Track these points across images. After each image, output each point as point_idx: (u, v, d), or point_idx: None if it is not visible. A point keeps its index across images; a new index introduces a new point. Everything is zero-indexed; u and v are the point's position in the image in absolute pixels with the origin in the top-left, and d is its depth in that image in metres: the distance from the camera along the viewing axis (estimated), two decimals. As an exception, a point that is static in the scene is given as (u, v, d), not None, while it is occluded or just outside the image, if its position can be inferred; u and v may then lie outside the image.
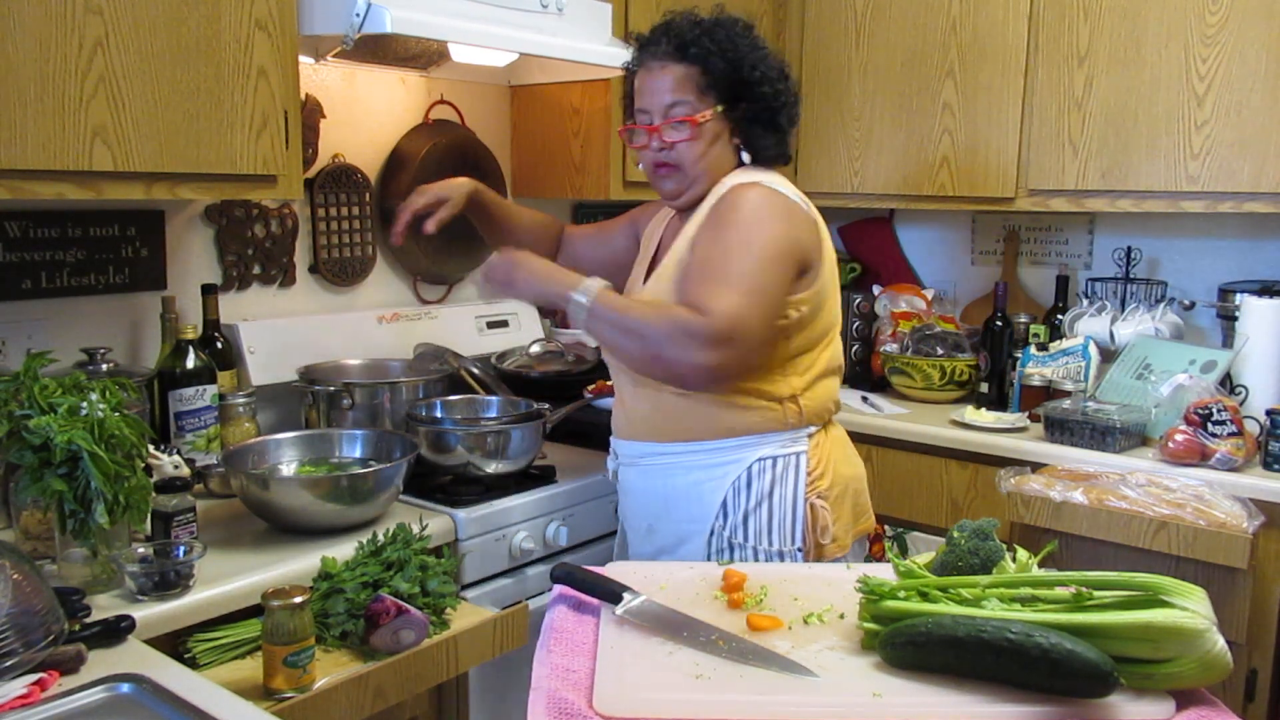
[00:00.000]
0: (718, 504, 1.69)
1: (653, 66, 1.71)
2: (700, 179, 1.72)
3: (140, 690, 1.20)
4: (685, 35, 1.69)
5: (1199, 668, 1.04)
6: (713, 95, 1.68)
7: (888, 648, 1.13)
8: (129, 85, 1.64)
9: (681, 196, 1.74)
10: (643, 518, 1.80)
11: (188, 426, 1.94)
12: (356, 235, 2.46)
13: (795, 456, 1.70)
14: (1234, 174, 2.38)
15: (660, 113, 1.69)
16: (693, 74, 1.68)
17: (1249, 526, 1.98)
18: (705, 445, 1.70)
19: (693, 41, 1.68)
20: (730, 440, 1.69)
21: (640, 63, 1.74)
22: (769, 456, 1.69)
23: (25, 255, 1.90)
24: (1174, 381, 2.38)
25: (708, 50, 1.67)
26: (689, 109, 1.68)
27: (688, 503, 1.72)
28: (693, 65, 1.68)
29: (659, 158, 1.72)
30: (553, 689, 1.11)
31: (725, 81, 1.68)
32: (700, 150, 1.69)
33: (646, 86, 1.72)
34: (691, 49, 1.68)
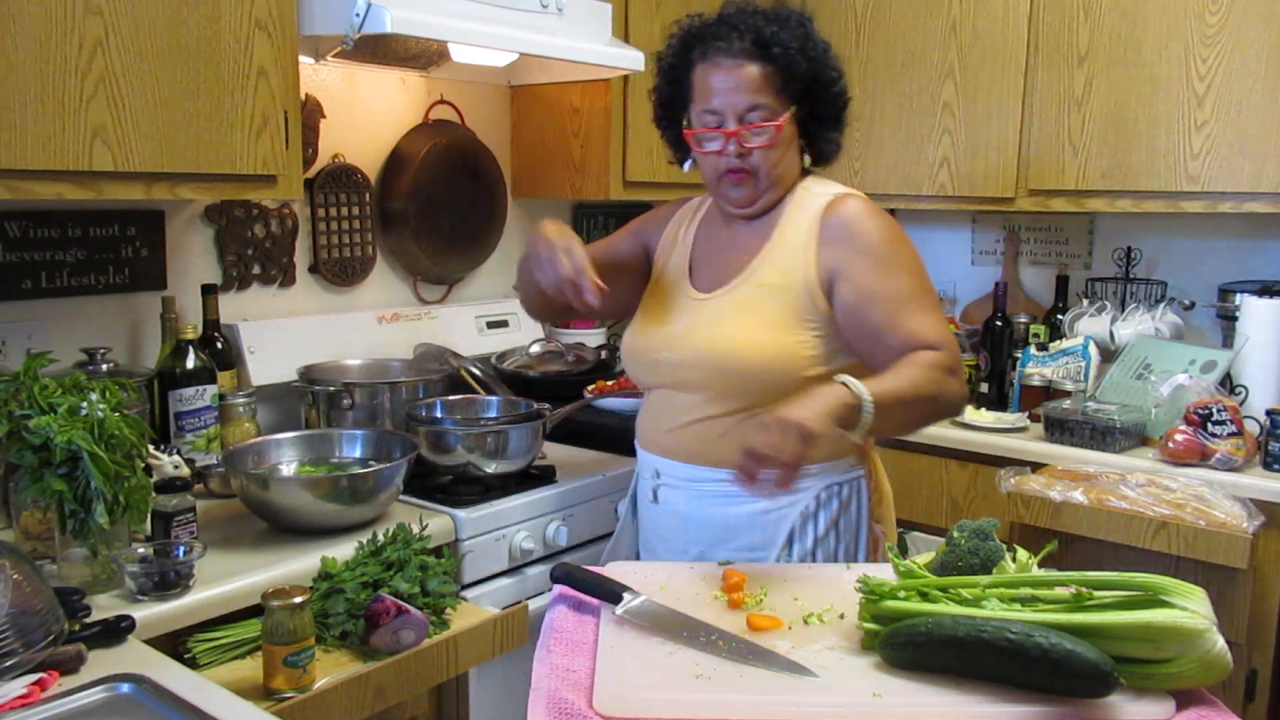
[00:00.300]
0: (784, 533, 1.60)
1: (725, 64, 1.57)
2: (775, 185, 1.63)
3: (140, 690, 1.20)
4: (763, 31, 1.57)
5: (1199, 668, 1.04)
6: (788, 96, 1.59)
7: (888, 648, 1.13)
8: (129, 85, 1.64)
9: (755, 204, 1.64)
10: (691, 543, 1.66)
11: (188, 426, 1.94)
12: (356, 235, 2.46)
13: (858, 481, 1.65)
14: (1234, 174, 2.38)
15: (736, 115, 1.57)
16: (771, 74, 1.57)
17: (1249, 526, 1.98)
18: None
19: (773, 38, 1.56)
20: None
21: (707, 58, 1.60)
22: (836, 483, 1.63)
23: (25, 255, 1.90)
24: (1174, 381, 2.38)
25: (789, 48, 1.56)
26: (769, 112, 1.57)
27: (750, 531, 1.62)
28: (772, 64, 1.57)
29: (734, 164, 1.60)
30: (553, 689, 1.11)
31: (802, 81, 1.59)
32: (779, 156, 1.60)
33: (719, 86, 1.58)
34: (774, 47, 1.56)
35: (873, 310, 1.54)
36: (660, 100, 1.73)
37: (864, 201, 1.63)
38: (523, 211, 2.88)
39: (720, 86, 1.58)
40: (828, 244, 1.59)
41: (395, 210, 2.51)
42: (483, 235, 2.73)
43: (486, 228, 2.73)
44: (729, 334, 1.59)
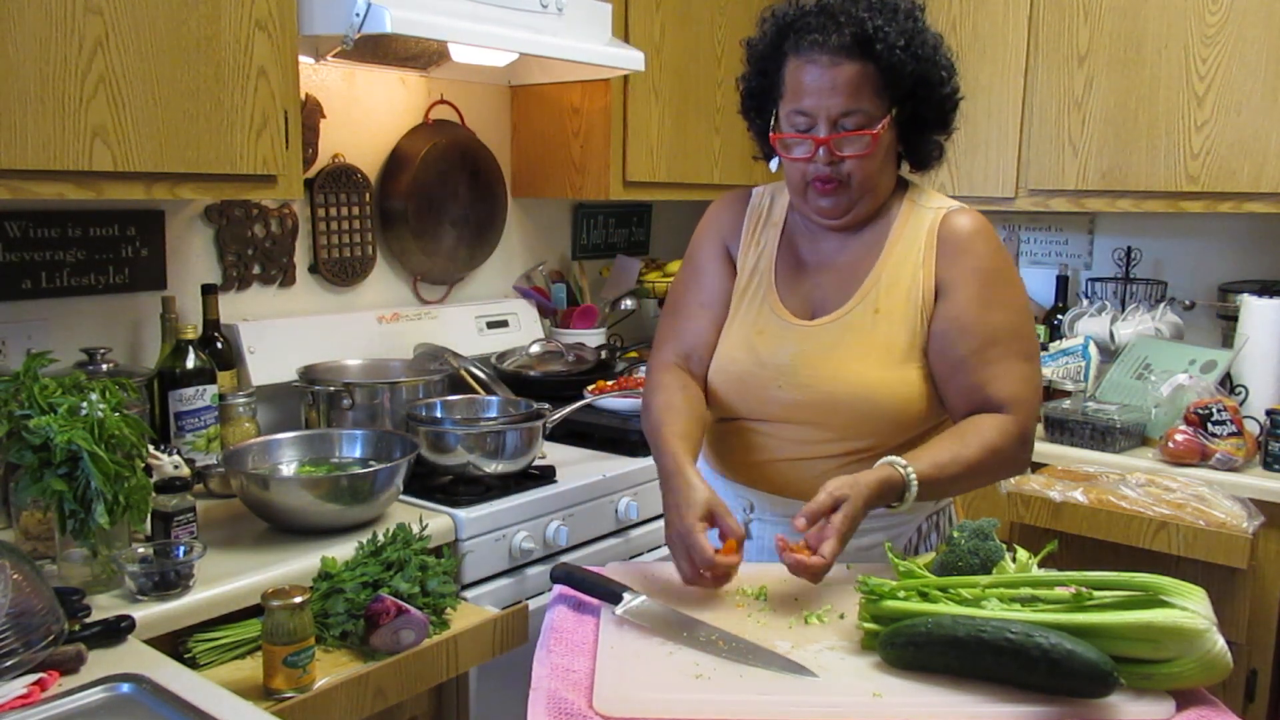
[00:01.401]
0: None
1: (820, 60, 1.39)
2: (868, 196, 1.48)
3: (140, 690, 1.20)
4: (867, 24, 1.38)
5: (1199, 668, 1.04)
6: (888, 97, 1.42)
7: (888, 648, 1.13)
8: (129, 85, 1.64)
9: (845, 215, 1.49)
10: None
11: (188, 426, 1.94)
12: (356, 235, 2.46)
13: (949, 508, 1.60)
14: (1234, 174, 2.38)
15: (830, 120, 1.41)
16: (871, 73, 1.39)
17: (1249, 526, 1.98)
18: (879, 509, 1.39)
19: (876, 34, 1.38)
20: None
21: (801, 52, 1.42)
22: (934, 513, 1.57)
23: (25, 255, 1.90)
24: (1174, 381, 2.38)
25: (894, 45, 1.38)
26: (866, 118, 1.41)
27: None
28: (874, 63, 1.39)
29: (824, 172, 1.44)
30: (553, 689, 1.11)
31: (907, 82, 1.41)
32: (875, 166, 1.45)
33: (812, 85, 1.40)
34: (877, 44, 1.38)
35: (960, 342, 1.43)
36: (749, 91, 1.56)
37: (980, 220, 1.50)
38: (523, 211, 2.88)
39: (814, 86, 1.40)
40: (944, 257, 1.47)
41: (395, 210, 2.51)
42: (483, 235, 2.73)
43: (486, 228, 2.73)
44: (854, 373, 1.45)
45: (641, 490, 2.19)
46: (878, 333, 1.47)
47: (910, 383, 1.45)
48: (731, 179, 2.96)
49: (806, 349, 1.49)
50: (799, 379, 1.48)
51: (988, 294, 1.44)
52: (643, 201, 3.26)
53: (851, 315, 1.49)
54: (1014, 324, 1.45)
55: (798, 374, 1.48)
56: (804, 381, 1.48)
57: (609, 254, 3.16)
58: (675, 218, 3.43)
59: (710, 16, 2.81)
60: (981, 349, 1.43)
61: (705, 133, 2.85)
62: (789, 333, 1.52)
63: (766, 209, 1.64)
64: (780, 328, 1.53)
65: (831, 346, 1.48)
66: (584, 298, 2.99)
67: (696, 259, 1.69)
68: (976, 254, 1.46)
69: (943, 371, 1.46)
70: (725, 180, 2.94)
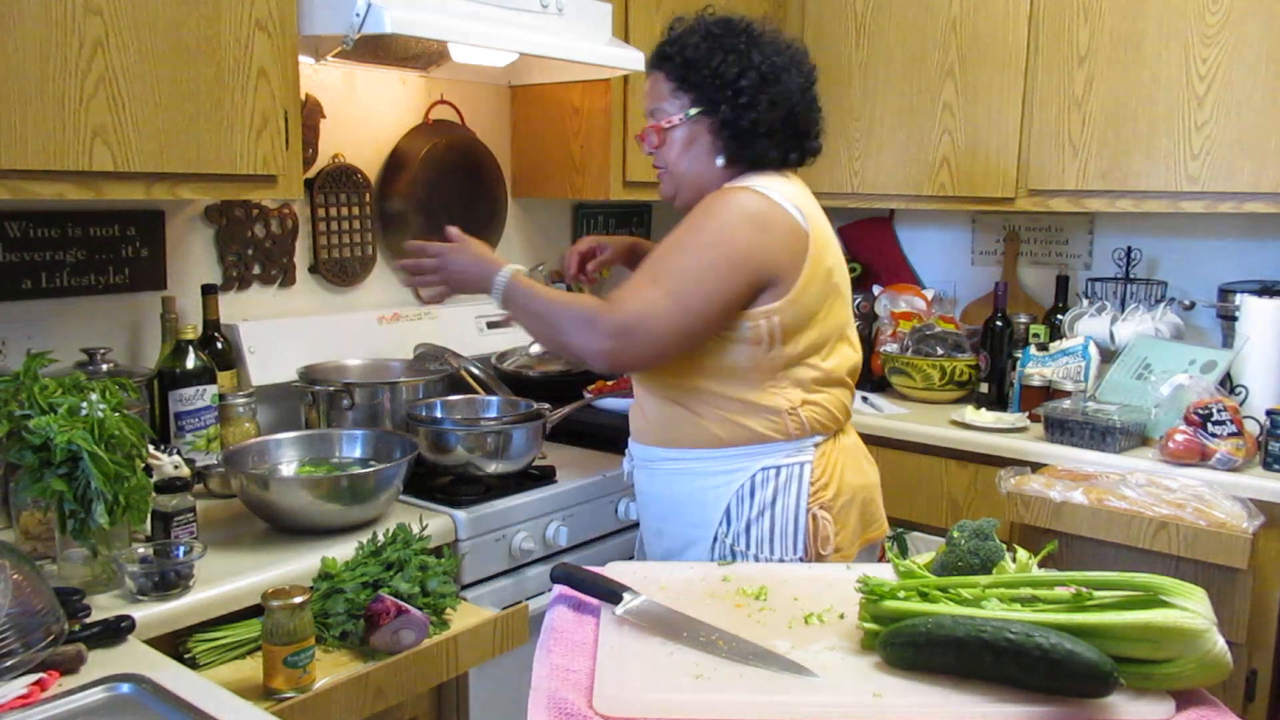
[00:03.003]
0: (721, 511, 1.69)
1: (647, 73, 1.78)
2: (684, 181, 1.76)
3: (140, 690, 1.20)
4: (661, 42, 1.74)
5: (1199, 668, 1.04)
6: (685, 99, 1.71)
7: (888, 648, 1.13)
8: (129, 85, 1.64)
9: (675, 200, 1.79)
10: (653, 519, 1.81)
11: (188, 426, 1.94)
12: (356, 235, 2.46)
13: (799, 466, 1.69)
14: (1234, 174, 2.38)
15: (647, 118, 1.77)
16: (660, 79, 1.73)
17: (1249, 526, 1.98)
18: (710, 453, 1.70)
19: (660, 48, 1.73)
20: (734, 449, 1.69)
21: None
22: (772, 466, 1.68)
23: (25, 255, 1.90)
24: (1174, 381, 2.38)
25: (668, 56, 1.71)
26: (659, 114, 1.74)
27: (692, 508, 1.72)
28: (658, 70, 1.74)
29: (653, 161, 1.80)
30: (553, 689, 1.11)
31: (691, 86, 1.70)
32: (675, 154, 1.74)
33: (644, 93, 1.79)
34: (657, 55, 1.74)
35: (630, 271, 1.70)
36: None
37: (731, 193, 1.66)
38: (523, 211, 2.88)
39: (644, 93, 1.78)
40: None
41: (395, 210, 2.51)
42: (483, 235, 2.72)
43: (486, 228, 2.73)
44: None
45: (641, 490, 2.19)
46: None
47: None
48: (731, 179, 2.96)
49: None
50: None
51: (674, 235, 1.65)
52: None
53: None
54: (665, 257, 1.63)
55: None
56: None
57: (609, 254, 3.15)
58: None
59: (710, 16, 2.81)
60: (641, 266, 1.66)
61: (705, 133, 2.84)
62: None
63: None
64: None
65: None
66: (584, 298, 2.98)
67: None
68: (699, 210, 1.67)
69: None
70: (725, 180, 2.94)
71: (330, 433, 1.99)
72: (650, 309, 1.57)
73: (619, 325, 1.56)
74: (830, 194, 3.00)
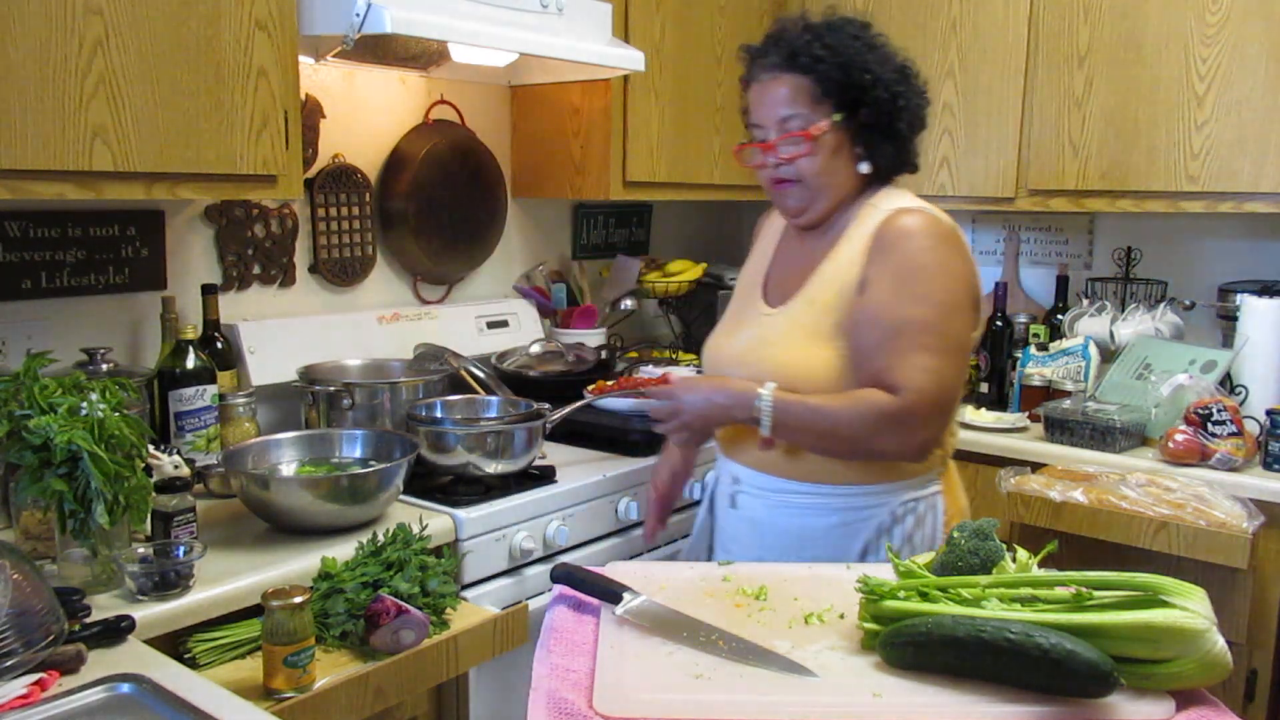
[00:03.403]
0: (858, 548, 1.62)
1: (764, 79, 1.63)
2: (823, 194, 1.64)
3: (140, 690, 1.20)
4: (795, 43, 1.61)
5: (1199, 668, 1.04)
6: (829, 105, 1.60)
7: (888, 648, 1.13)
8: (129, 85, 1.64)
9: (805, 214, 1.66)
10: (767, 550, 1.67)
11: (188, 426, 1.94)
12: (356, 235, 2.46)
13: (934, 498, 1.65)
14: (1234, 174, 2.38)
15: (775, 127, 1.62)
16: (805, 83, 1.60)
17: (1249, 526, 1.98)
18: (855, 489, 1.61)
19: (802, 49, 1.60)
20: (882, 485, 1.62)
21: (753, 76, 1.66)
22: (912, 499, 1.63)
23: (25, 255, 1.90)
24: (1174, 381, 2.38)
25: (817, 56, 1.59)
26: (803, 121, 1.60)
27: (825, 543, 1.62)
28: (804, 74, 1.60)
29: (777, 174, 1.64)
30: (553, 689, 1.11)
31: (839, 89, 1.59)
32: (820, 164, 1.61)
33: (759, 100, 1.64)
34: (801, 57, 1.59)
35: (869, 331, 1.54)
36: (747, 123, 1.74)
37: (925, 219, 1.58)
38: (523, 211, 2.88)
39: (758, 101, 1.64)
40: (873, 254, 1.58)
41: (395, 210, 2.51)
42: (483, 235, 2.73)
43: (486, 228, 2.73)
44: (781, 355, 1.61)
45: (641, 490, 2.19)
46: (807, 320, 1.62)
47: (826, 362, 1.57)
48: (731, 179, 2.96)
49: (757, 335, 1.68)
50: (746, 362, 1.66)
51: (902, 288, 1.54)
52: (643, 201, 3.26)
53: (793, 305, 1.65)
54: (923, 318, 1.52)
55: (745, 359, 1.67)
56: (749, 362, 1.65)
57: (609, 254, 3.16)
58: (675, 218, 3.43)
59: (710, 16, 2.81)
60: (887, 339, 1.52)
61: (705, 133, 2.85)
62: (755, 320, 1.71)
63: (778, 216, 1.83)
64: (752, 316, 1.72)
65: (770, 333, 1.66)
66: (584, 298, 2.99)
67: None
68: (901, 250, 1.56)
69: (855, 359, 1.56)
70: (725, 180, 2.94)
71: (330, 433, 1.99)
72: (941, 379, 1.49)
73: (924, 411, 1.49)
74: (830, 194, 3.00)
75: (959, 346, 1.55)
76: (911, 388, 1.48)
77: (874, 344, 1.53)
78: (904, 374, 1.49)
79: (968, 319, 1.57)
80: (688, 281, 3.12)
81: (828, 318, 1.59)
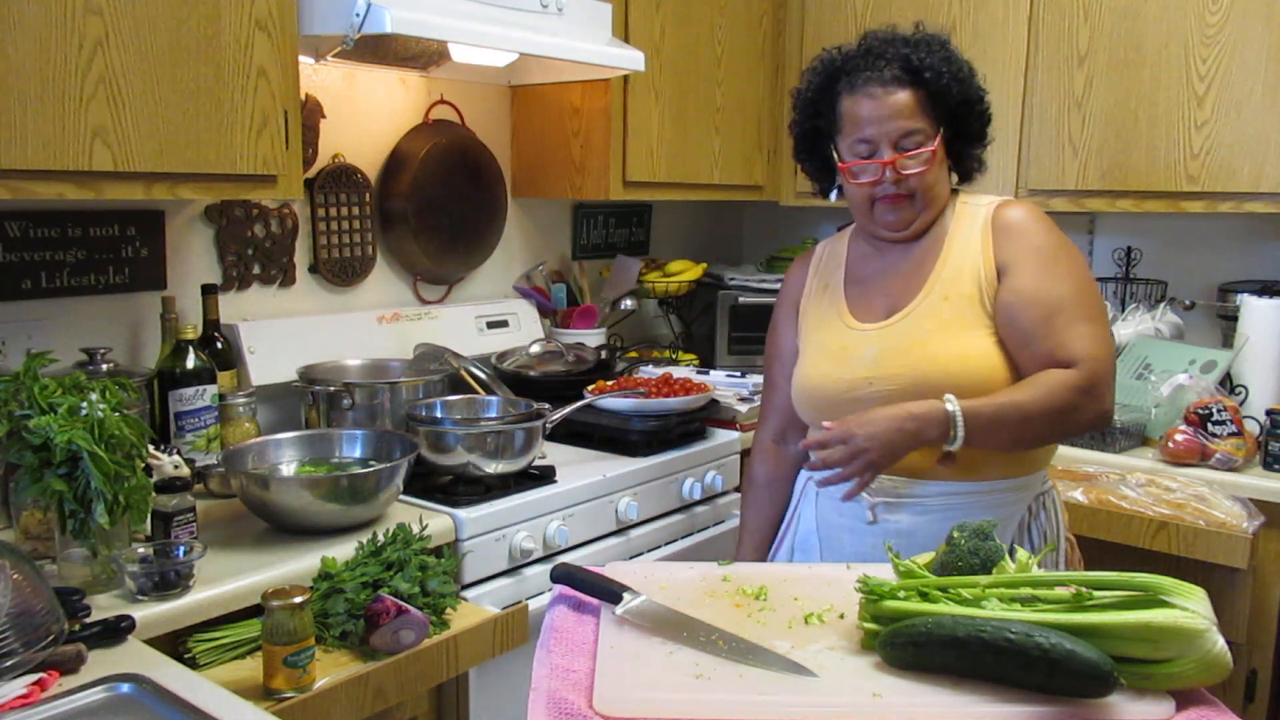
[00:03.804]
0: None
1: (876, 92, 1.59)
2: (931, 205, 1.64)
3: (140, 690, 1.21)
4: (910, 57, 1.59)
5: (1199, 668, 1.04)
6: (937, 118, 1.61)
7: (888, 648, 1.13)
8: (129, 85, 1.64)
9: (911, 226, 1.65)
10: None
11: (188, 426, 1.94)
12: (356, 235, 2.46)
13: (1052, 492, 1.66)
14: (1234, 174, 2.38)
15: (891, 143, 1.58)
16: (922, 99, 1.59)
17: (1249, 526, 1.98)
18: (1000, 484, 1.58)
19: (922, 64, 1.59)
20: (1019, 479, 1.59)
21: (856, 89, 1.61)
22: (1041, 494, 1.64)
23: (25, 255, 1.90)
24: (1174, 381, 2.38)
25: (938, 71, 1.59)
26: (923, 136, 1.59)
27: None
28: (923, 89, 1.59)
29: (890, 190, 1.61)
30: (553, 689, 1.11)
31: (950, 103, 1.61)
32: (933, 178, 1.62)
33: (871, 115, 1.59)
34: (925, 72, 1.58)
35: (1027, 313, 1.54)
36: (802, 134, 1.73)
37: (1031, 207, 1.64)
38: (523, 211, 2.88)
39: (873, 115, 1.59)
40: (1000, 242, 1.60)
41: (395, 210, 2.51)
42: (483, 235, 2.73)
43: (486, 228, 2.73)
44: (933, 352, 1.56)
45: (641, 490, 2.20)
46: (949, 315, 1.59)
47: (988, 352, 1.55)
48: (731, 179, 2.96)
49: (889, 344, 1.61)
50: (888, 371, 1.59)
51: (1046, 268, 1.56)
52: (643, 201, 3.26)
53: (923, 306, 1.61)
54: (1075, 291, 1.55)
55: (886, 367, 1.59)
56: (893, 372, 1.58)
57: (609, 254, 3.16)
58: (675, 218, 3.43)
59: (710, 16, 2.81)
60: (1047, 318, 1.53)
61: (705, 133, 2.85)
62: (868, 336, 1.64)
63: (828, 254, 1.80)
64: (858, 335, 1.65)
65: (911, 335, 1.60)
66: (584, 298, 2.99)
67: (774, 327, 1.85)
68: (1031, 233, 1.59)
69: (1015, 343, 1.55)
70: (725, 180, 2.94)
71: (330, 433, 1.99)
72: (1106, 344, 1.54)
73: (1102, 376, 1.50)
74: (830, 194, 3.00)
75: (1104, 312, 1.60)
76: (1089, 356, 1.50)
77: (1035, 324, 1.54)
78: (1078, 345, 1.51)
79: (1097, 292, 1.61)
80: (688, 281, 3.12)
81: (972, 308, 1.58)
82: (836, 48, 1.69)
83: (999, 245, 1.60)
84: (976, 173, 1.73)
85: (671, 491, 2.28)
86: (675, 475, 2.29)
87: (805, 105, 1.71)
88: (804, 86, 1.71)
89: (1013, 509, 1.59)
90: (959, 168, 1.70)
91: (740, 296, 3.05)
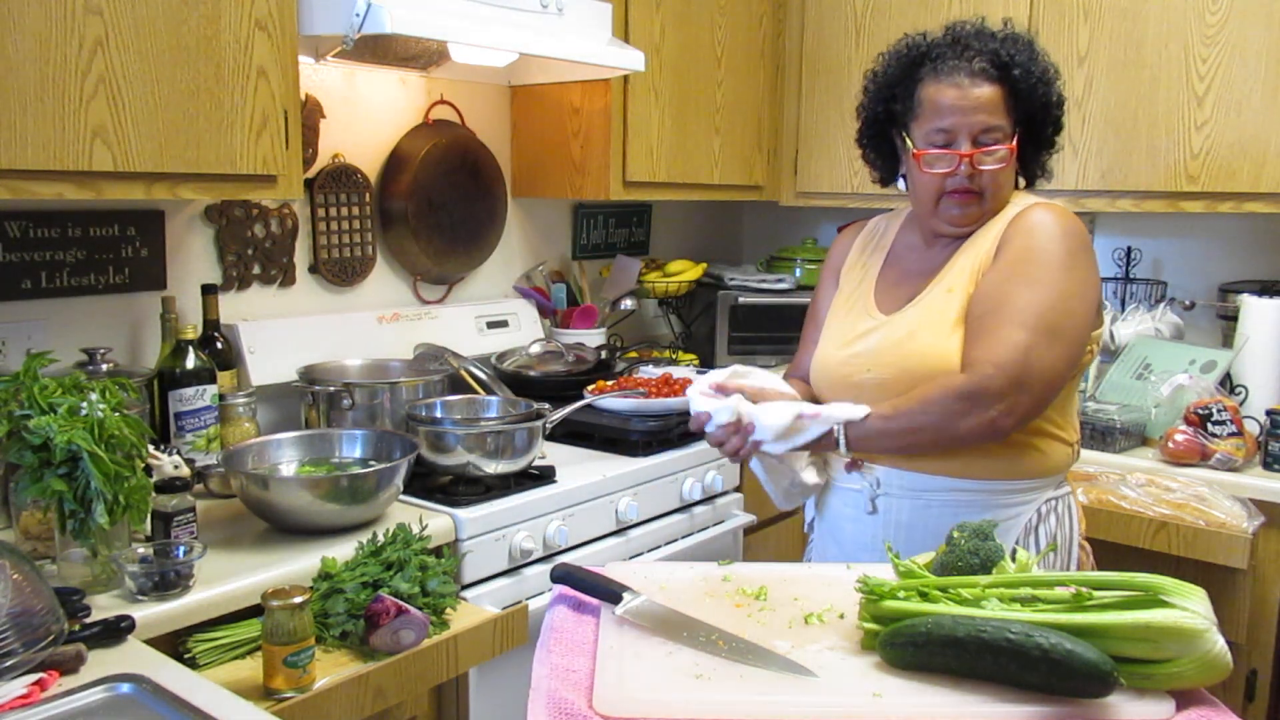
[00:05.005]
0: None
1: (963, 83, 1.55)
2: (996, 205, 1.60)
3: (140, 690, 1.20)
4: (1000, 52, 1.56)
5: (1199, 668, 1.04)
6: (1017, 118, 1.58)
7: (888, 648, 1.13)
8: (129, 85, 1.64)
9: (974, 223, 1.61)
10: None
11: (188, 426, 1.94)
12: (356, 235, 2.46)
13: (1068, 497, 1.63)
14: (1234, 174, 2.38)
15: (971, 136, 1.55)
16: (1005, 96, 1.56)
17: (1249, 526, 1.98)
18: (1005, 485, 1.56)
19: (1012, 61, 1.55)
20: (1027, 481, 1.57)
21: (941, 76, 1.57)
22: (1053, 498, 1.60)
23: (25, 255, 1.90)
24: (1174, 381, 2.38)
25: (1028, 71, 1.56)
26: (1002, 134, 1.56)
27: None
28: (1008, 86, 1.56)
29: (962, 184, 1.57)
30: (553, 689, 1.11)
31: (1033, 105, 1.58)
32: (1005, 178, 1.59)
33: (954, 104, 1.55)
34: (1015, 70, 1.55)
35: (975, 308, 1.52)
36: (872, 118, 1.69)
37: (1055, 213, 1.55)
38: (523, 211, 2.88)
39: (956, 105, 1.55)
40: (1005, 238, 1.56)
41: (395, 210, 2.51)
42: (483, 235, 2.73)
43: (486, 228, 2.73)
44: (920, 346, 1.56)
45: (641, 490, 2.20)
46: (945, 307, 1.57)
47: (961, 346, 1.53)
48: (731, 179, 2.96)
49: (889, 332, 1.61)
50: (883, 360, 1.59)
51: (1018, 268, 1.51)
52: (643, 201, 3.26)
53: (927, 299, 1.60)
54: (1035, 299, 1.48)
55: (881, 357, 1.60)
56: (887, 360, 1.59)
57: (609, 254, 3.16)
58: (675, 218, 3.43)
59: (710, 16, 2.81)
60: (984, 316, 1.50)
61: (705, 133, 2.85)
62: (878, 324, 1.65)
63: (879, 234, 1.79)
64: (871, 324, 1.66)
65: (907, 328, 1.60)
66: (584, 298, 2.99)
67: (816, 290, 1.85)
68: (1029, 235, 1.54)
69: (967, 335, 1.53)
70: (725, 180, 2.94)
71: (330, 433, 1.99)
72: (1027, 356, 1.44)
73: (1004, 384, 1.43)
74: (831, 194, 3.00)
75: (1066, 333, 1.48)
76: (990, 362, 1.44)
77: (975, 320, 1.51)
78: (986, 350, 1.46)
79: (1084, 311, 1.51)
80: (687, 281, 3.12)
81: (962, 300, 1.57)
82: (921, 34, 1.64)
83: (1003, 242, 1.56)
84: (1040, 179, 1.69)
85: (671, 492, 2.28)
86: (675, 475, 2.29)
87: (882, 88, 1.66)
88: (881, 69, 1.67)
89: (1017, 510, 1.58)
90: (1025, 172, 1.67)
91: (740, 296, 3.05)
